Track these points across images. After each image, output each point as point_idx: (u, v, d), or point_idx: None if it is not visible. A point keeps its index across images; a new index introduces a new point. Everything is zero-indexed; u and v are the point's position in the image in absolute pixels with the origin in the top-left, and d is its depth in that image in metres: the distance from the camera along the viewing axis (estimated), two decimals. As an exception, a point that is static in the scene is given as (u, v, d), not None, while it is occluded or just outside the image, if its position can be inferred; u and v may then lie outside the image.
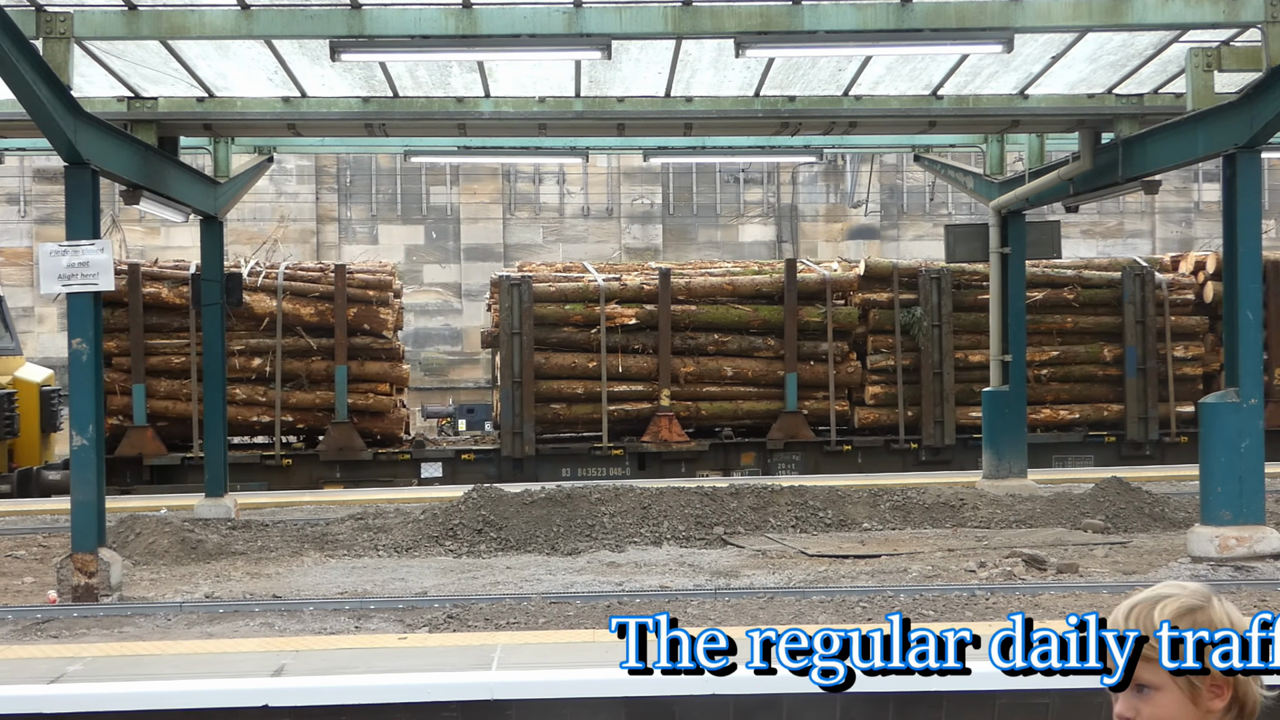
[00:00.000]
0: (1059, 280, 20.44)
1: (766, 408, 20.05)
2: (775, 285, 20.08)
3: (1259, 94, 11.09)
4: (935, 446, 20.04)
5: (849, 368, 20.26)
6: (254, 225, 30.58)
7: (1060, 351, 20.38)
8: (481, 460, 19.81)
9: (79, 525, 10.79)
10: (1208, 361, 20.92)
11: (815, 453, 20.00)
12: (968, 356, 20.18)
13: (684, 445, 19.60)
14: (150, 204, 13.40)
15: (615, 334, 19.72)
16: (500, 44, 11.61)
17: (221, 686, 7.32)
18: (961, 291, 20.30)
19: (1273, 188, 30.00)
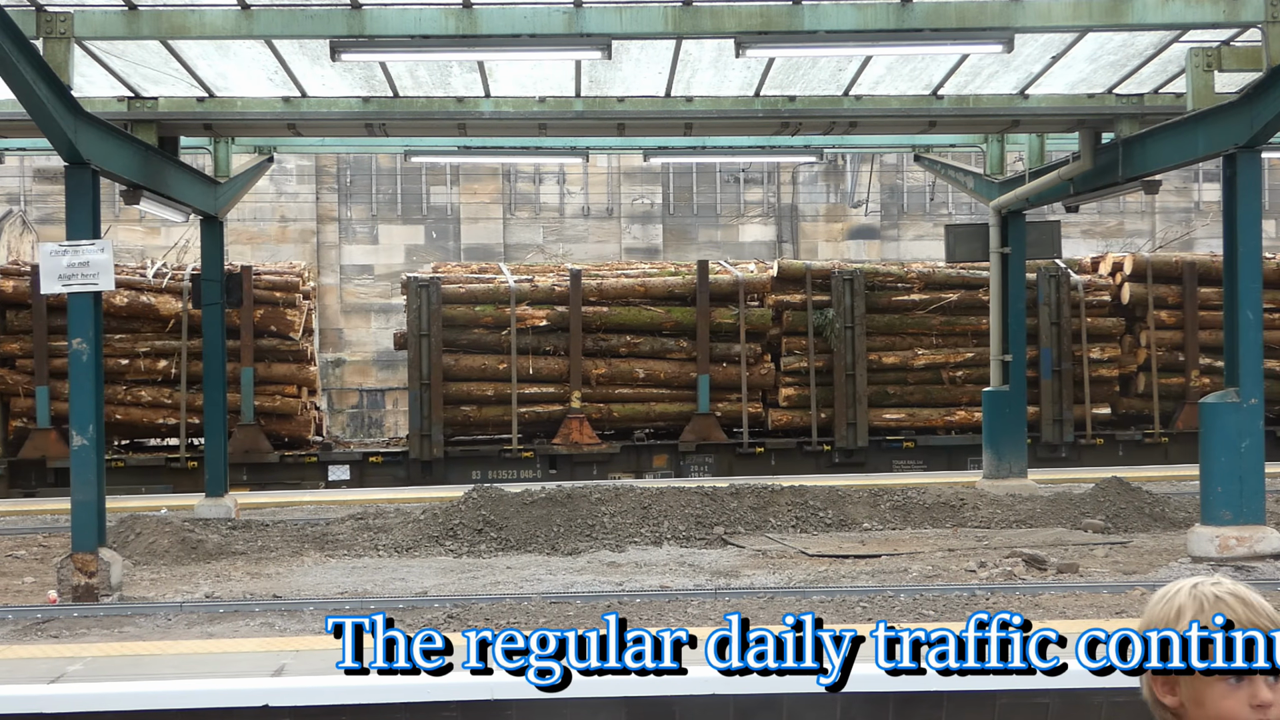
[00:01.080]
0: (974, 282, 20.27)
1: (679, 410, 19.93)
2: (688, 287, 19.96)
3: (1259, 94, 11.09)
4: (848, 449, 19.88)
5: (762, 369, 20.12)
6: (254, 225, 30.58)
7: (976, 353, 20.17)
8: (390, 463, 19.64)
9: (79, 525, 10.79)
10: (1124, 363, 20.82)
11: (728, 455, 19.86)
12: (881, 358, 20.07)
13: (595, 447, 19.49)
14: (150, 204, 13.40)
15: (527, 335, 19.61)
16: (500, 44, 11.61)
17: (221, 686, 7.32)
18: (875, 293, 20.14)
19: (1273, 188, 30.00)
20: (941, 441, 20.15)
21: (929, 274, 20.52)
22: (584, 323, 19.67)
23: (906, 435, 20.14)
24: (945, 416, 20.24)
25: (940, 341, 20.32)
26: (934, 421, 20.24)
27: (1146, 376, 20.67)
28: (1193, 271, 20.66)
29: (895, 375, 20.21)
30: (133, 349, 19.28)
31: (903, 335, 20.29)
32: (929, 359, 20.21)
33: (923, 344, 20.31)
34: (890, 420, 20.16)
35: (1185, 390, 20.49)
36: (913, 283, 20.32)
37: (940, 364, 20.23)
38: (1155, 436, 20.46)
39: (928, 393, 20.26)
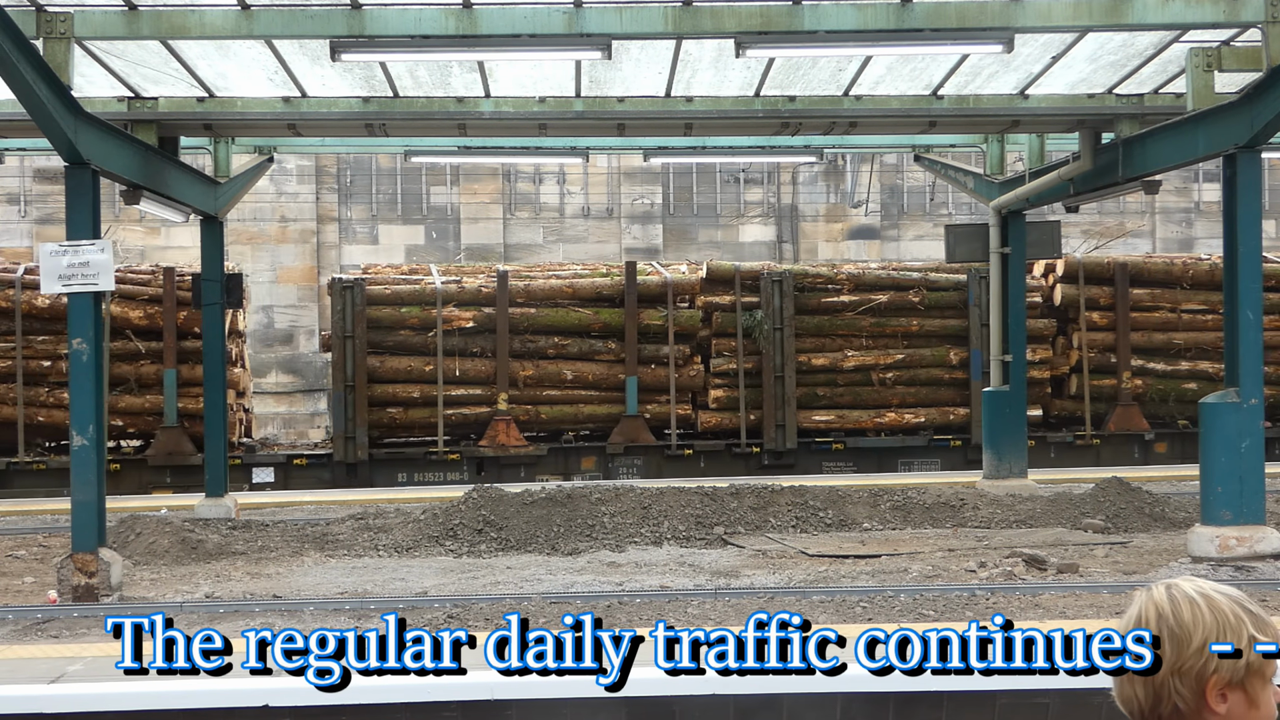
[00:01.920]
0: (904, 283, 20.25)
1: (608, 411, 19.83)
2: (616, 288, 19.89)
3: (1259, 94, 11.09)
4: (777, 450, 19.76)
5: (691, 371, 20.04)
6: (254, 225, 30.58)
7: (906, 355, 20.14)
8: (314, 465, 19.52)
9: (79, 525, 10.79)
10: (1056, 364, 20.74)
11: (657, 457, 19.76)
12: (811, 360, 19.98)
13: (522, 449, 19.40)
14: (150, 204, 13.40)
15: (454, 337, 19.50)
16: (500, 44, 11.61)
17: (222, 686, 7.32)
18: (805, 294, 20.05)
19: (1273, 188, 29.99)
20: (871, 443, 19.99)
21: (859, 275, 20.42)
22: (511, 324, 19.55)
23: (836, 437, 19.99)
24: (875, 418, 20.12)
25: (870, 343, 20.19)
26: (864, 423, 20.11)
27: (1079, 378, 20.60)
28: (1124, 273, 20.56)
29: (825, 377, 20.07)
30: (55, 351, 18.99)
31: (832, 337, 20.16)
32: (859, 361, 20.08)
33: (853, 345, 20.17)
34: (820, 422, 20.03)
35: (1117, 392, 20.42)
36: (842, 284, 20.20)
37: (870, 366, 20.09)
38: (1087, 438, 20.35)
39: (857, 394, 20.14)
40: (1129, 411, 20.39)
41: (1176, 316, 20.80)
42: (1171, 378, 20.64)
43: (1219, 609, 2.33)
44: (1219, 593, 2.36)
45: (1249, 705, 2.30)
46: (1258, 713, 2.31)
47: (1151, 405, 20.63)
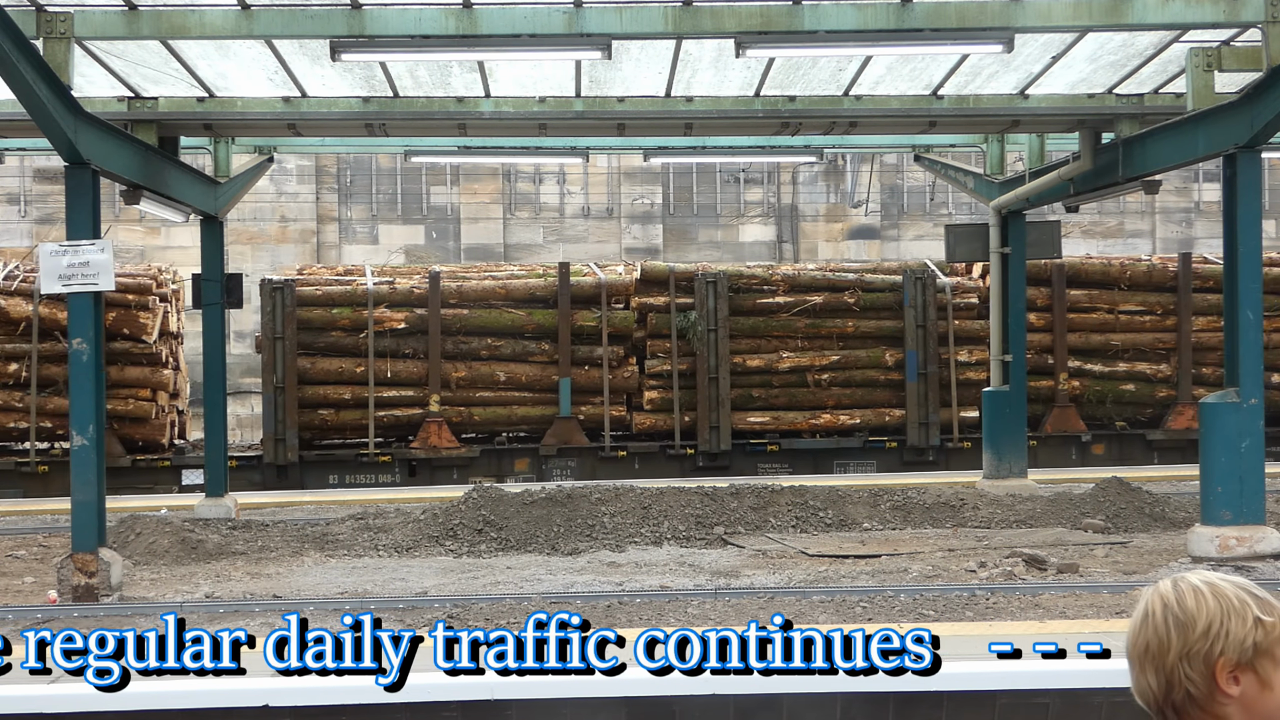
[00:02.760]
0: (840, 284, 20.17)
1: (542, 413, 19.75)
2: (549, 289, 19.82)
3: (1259, 94, 11.08)
4: (712, 452, 19.67)
5: (626, 372, 19.95)
6: (254, 225, 30.59)
7: (841, 356, 20.06)
8: (245, 467, 19.34)
9: (79, 525, 10.79)
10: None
11: (591, 459, 19.67)
12: (746, 361, 19.88)
13: (454, 451, 19.33)
14: (150, 204, 13.40)
15: (385, 338, 19.42)
16: (500, 44, 11.61)
17: (221, 686, 7.31)
18: (740, 295, 19.96)
19: (1273, 188, 29.98)
20: (807, 445, 19.90)
21: (794, 276, 20.35)
22: (444, 325, 19.47)
23: (771, 439, 19.90)
24: (810, 420, 20.04)
25: (806, 344, 20.09)
26: (799, 425, 20.02)
27: None
28: (1061, 274, 20.46)
29: (760, 378, 19.97)
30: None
31: (768, 338, 20.06)
32: (794, 362, 19.98)
33: (788, 347, 20.07)
34: (755, 424, 19.93)
35: (1054, 393, 20.33)
36: (777, 285, 20.12)
37: (805, 367, 20.00)
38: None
39: (792, 396, 20.06)
40: (1066, 413, 20.31)
41: (1114, 317, 20.70)
42: (1109, 379, 20.52)
43: (1223, 594, 2.35)
44: (1225, 581, 2.38)
45: (1262, 687, 2.31)
46: (1272, 694, 2.31)
47: (1089, 406, 20.51)
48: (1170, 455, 20.25)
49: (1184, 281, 20.71)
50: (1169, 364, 20.66)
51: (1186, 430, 20.24)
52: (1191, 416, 20.33)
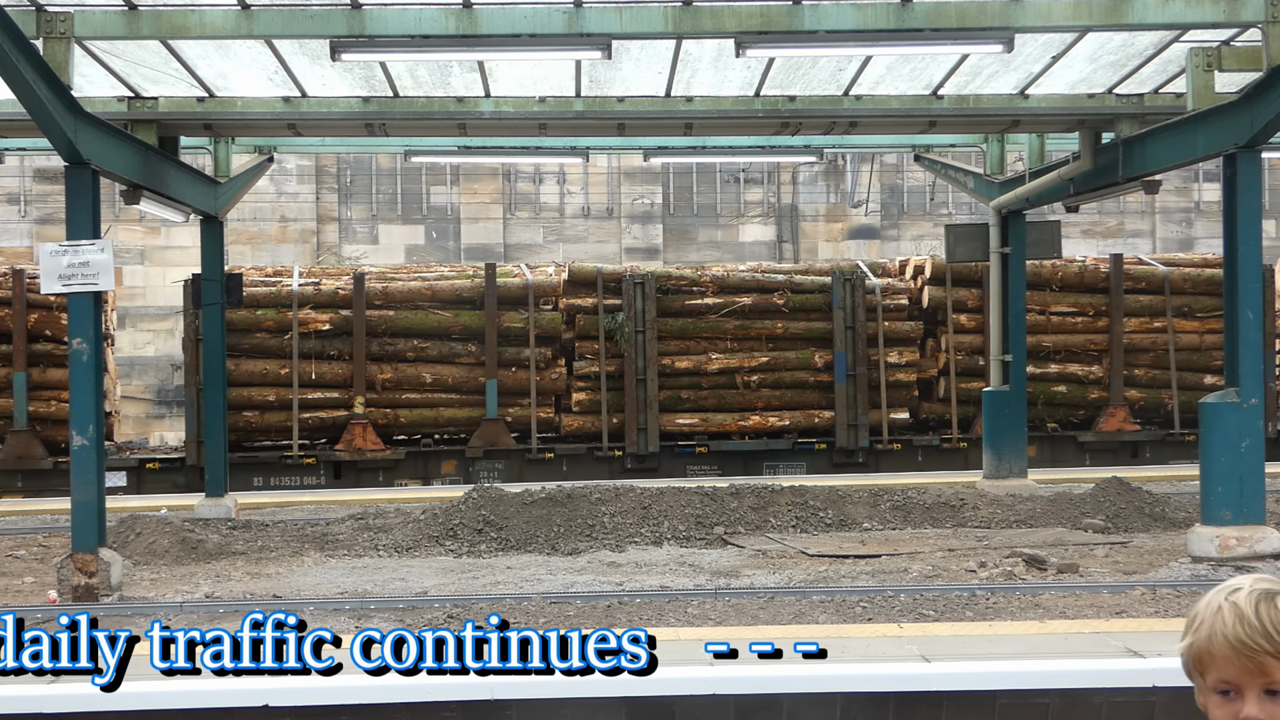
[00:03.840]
0: (769, 285, 20.09)
1: (469, 415, 19.67)
2: (476, 290, 19.74)
3: (1259, 94, 11.09)
4: (640, 454, 19.58)
5: (554, 374, 19.90)
6: (254, 225, 30.59)
7: (771, 357, 19.96)
8: (168, 469, 19.29)
9: (79, 525, 10.80)
10: (924, 367, 20.58)
11: (518, 460, 19.60)
12: (675, 363, 19.80)
13: (380, 453, 19.25)
14: (150, 204, 13.40)
15: (310, 340, 19.35)
16: (500, 44, 11.61)
17: (221, 686, 7.31)
18: (669, 297, 19.89)
19: (1273, 188, 29.99)
20: (736, 446, 19.81)
21: (723, 278, 20.26)
22: (370, 327, 19.40)
23: (700, 440, 19.83)
24: (739, 421, 19.96)
25: (735, 346, 20.01)
26: (728, 426, 19.94)
27: (947, 381, 20.42)
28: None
29: (689, 380, 19.91)
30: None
31: (697, 339, 19.98)
32: (723, 364, 19.91)
33: (717, 348, 19.98)
34: (683, 425, 19.87)
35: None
36: (706, 286, 20.04)
37: (735, 368, 19.92)
38: (954, 442, 20.20)
39: (722, 397, 19.99)
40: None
41: (1046, 319, 20.57)
42: (1040, 380, 20.36)
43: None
44: None
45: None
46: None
47: None
48: (1102, 457, 20.17)
49: (1116, 283, 20.60)
50: (1101, 365, 20.57)
51: (1118, 432, 20.25)
52: (1123, 418, 20.34)
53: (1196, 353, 20.80)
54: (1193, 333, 20.84)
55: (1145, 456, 20.25)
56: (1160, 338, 20.71)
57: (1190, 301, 20.90)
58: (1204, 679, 2.29)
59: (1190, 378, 20.76)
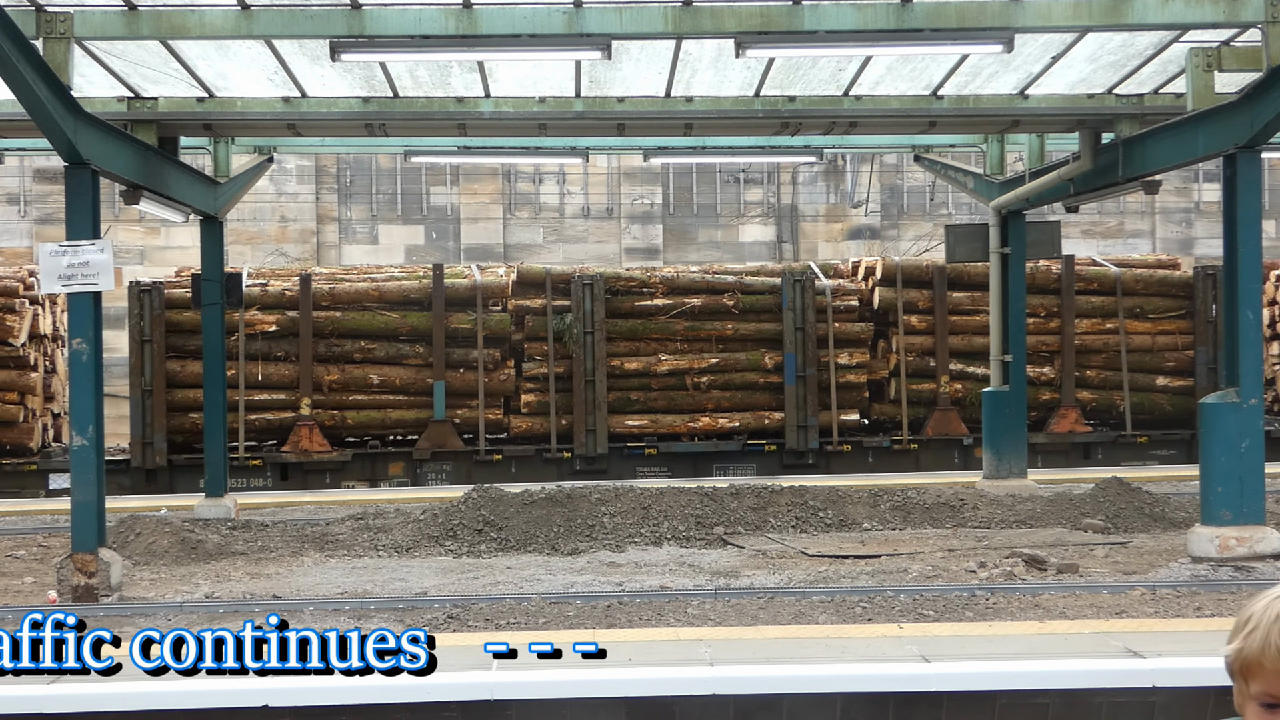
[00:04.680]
0: (719, 286, 20.05)
1: (417, 416, 19.62)
2: (424, 291, 19.68)
3: (1259, 94, 11.09)
4: (588, 456, 19.52)
5: (502, 375, 19.83)
6: (254, 225, 30.59)
7: (721, 359, 19.91)
8: (114, 471, 19.00)
9: (79, 525, 10.79)
10: (874, 368, 20.51)
11: (466, 462, 19.54)
12: (624, 364, 19.74)
13: (326, 455, 19.17)
14: (150, 204, 13.40)
15: (257, 341, 19.29)
16: (500, 44, 11.61)
17: (221, 686, 7.32)
18: (618, 298, 19.84)
19: (1273, 188, 29.99)
20: (685, 448, 19.75)
21: (672, 279, 20.20)
22: (317, 328, 19.33)
23: (649, 442, 19.77)
24: (689, 423, 19.90)
25: (685, 347, 19.95)
26: (677, 428, 19.87)
27: (897, 382, 20.35)
28: (942, 276, 20.31)
29: (639, 381, 19.85)
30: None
31: (646, 341, 19.92)
32: (673, 365, 19.86)
33: (667, 350, 19.92)
34: (633, 427, 19.81)
35: (936, 396, 20.22)
36: (656, 287, 19.98)
37: (684, 370, 19.87)
38: (904, 443, 20.12)
39: (671, 399, 19.93)
40: (947, 416, 20.21)
41: None
42: None
43: None
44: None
45: None
46: None
47: (972, 409, 20.26)
48: (1054, 459, 20.11)
49: (1067, 284, 20.53)
50: (1053, 367, 20.50)
51: (1070, 433, 20.20)
52: (1075, 419, 20.30)
53: (1149, 354, 20.77)
54: (1145, 334, 20.80)
55: (1097, 458, 20.19)
56: (1112, 339, 20.64)
57: (1142, 303, 20.86)
58: (1248, 685, 2.24)
59: (1142, 379, 20.74)
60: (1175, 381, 20.66)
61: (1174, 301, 20.82)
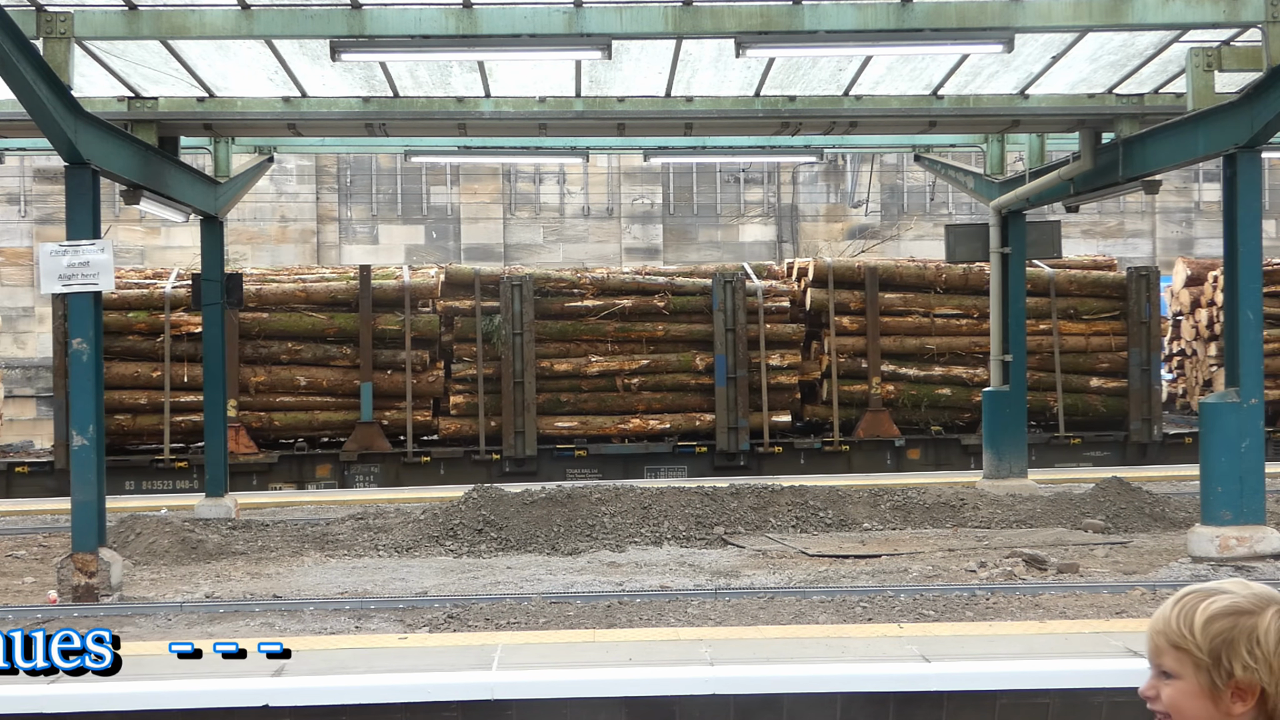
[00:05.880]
0: (650, 288, 19.98)
1: (344, 418, 19.51)
2: (351, 292, 19.57)
3: (1259, 94, 11.09)
4: (518, 457, 19.41)
5: (431, 377, 19.73)
6: (254, 225, 30.61)
7: (652, 360, 19.81)
8: (38, 473, 19.03)
9: (79, 525, 10.79)
10: (807, 370, 20.41)
11: (394, 464, 19.41)
12: (554, 365, 19.66)
13: (252, 457, 19.06)
14: (150, 204, 13.40)
15: (183, 342, 19.19)
16: (500, 44, 11.61)
17: (221, 686, 7.32)
18: (548, 299, 19.73)
19: (1273, 188, 30.01)
20: (616, 450, 19.65)
21: (603, 280, 20.11)
22: (243, 329, 19.21)
23: (579, 444, 19.68)
24: (619, 424, 19.80)
25: (616, 348, 19.84)
26: (608, 430, 19.77)
27: (829, 383, 20.24)
28: (874, 277, 20.20)
29: (569, 383, 19.76)
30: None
31: (576, 342, 19.82)
32: (603, 366, 19.76)
33: (598, 351, 19.82)
34: (563, 428, 19.70)
35: (867, 397, 20.12)
36: (586, 288, 19.90)
37: (615, 371, 19.78)
38: (835, 445, 19.99)
39: (602, 400, 19.84)
40: (879, 417, 20.10)
41: (930, 321, 20.46)
42: (925, 383, 20.29)
43: None
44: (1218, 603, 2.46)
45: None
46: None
47: (905, 411, 20.28)
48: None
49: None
50: (986, 368, 20.17)
51: None
52: None
53: (1082, 355, 20.71)
54: (1079, 335, 20.74)
55: (1030, 459, 20.09)
56: (1045, 340, 20.48)
57: (1076, 304, 20.79)
58: None
59: (1076, 380, 20.68)
60: (1109, 383, 20.52)
61: (1108, 303, 20.69)
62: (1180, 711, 2.39)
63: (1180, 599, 2.44)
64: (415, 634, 9.06)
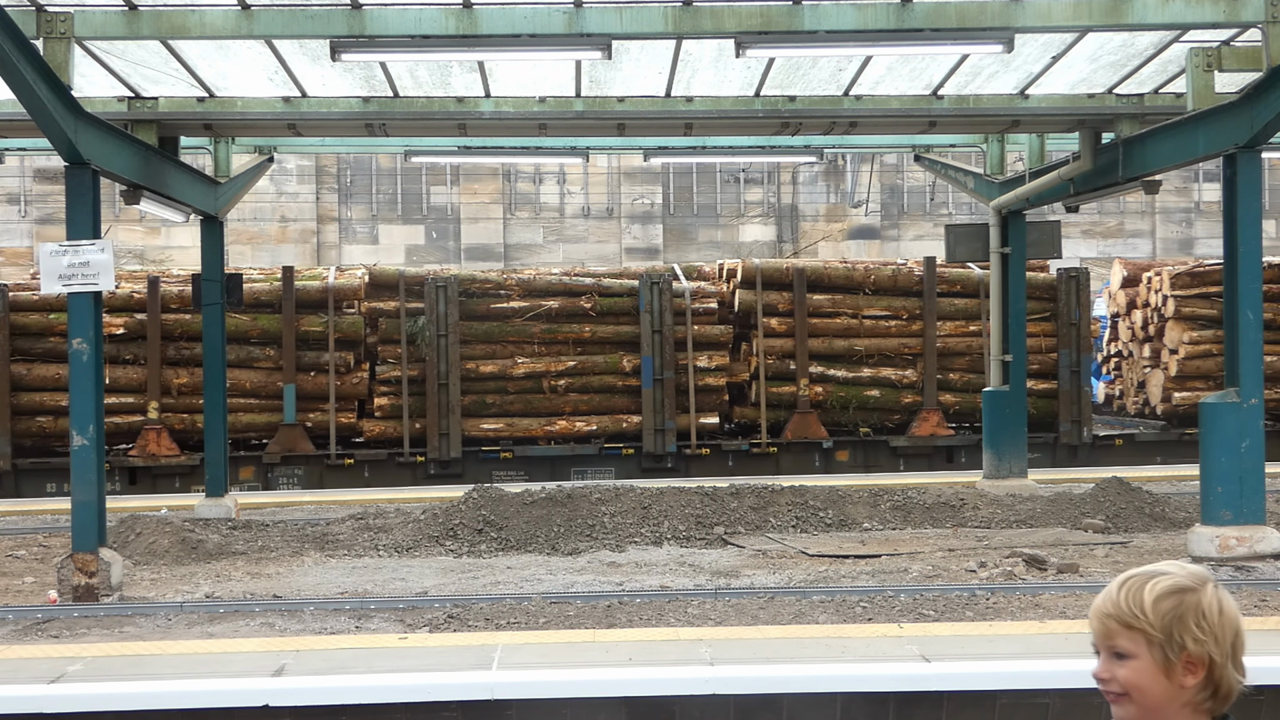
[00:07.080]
0: (577, 289, 19.92)
1: (268, 420, 19.44)
2: (274, 293, 19.50)
3: (1259, 94, 11.09)
4: (443, 460, 19.34)
5: (355, 378, 19.68)
6: (254, 225, 30.61)
7: (578, 362, 19.74)
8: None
9: (79, 525, 10.80)
10: (735, 371, 20.33)
11: (318, 466, 19.33)
12: (480, 367, 19.58)
13: (175, 459, 19.00)
14: (150, 204, 13.40)
15: (105, 344, 18.67)
16: (500, 44, 11.61)
17: (222, 686, 7.33)
18: (474, 300, 19.67)
19: (1273, 188, 30.02)
20: (542, 452, 19.59)
21: (529, 281, 20.04)
22: (165, 330, 19.17)
23: (505, 446, 19.61)
24: (546, 426, 19.72)
25: (542, 350, 19.79)
26: (534, 431, 19.70)
27: (758, 385, 20.16)
28: (802, 278, 20.11)
29: (495, 384, 19.68)
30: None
31: (503, 344, 19.76)
32: (530, 368, 19.70)
33: (524, 352, 19.75)
34: (488, 430, 19.62)
35: (795, 399, 20.05)
36: (512, 290, 19.85)
37: (542, 373, 19.72)
38: (764, 447, 19.92)
39: (528, 402, 19.77)
40: (807, 419, 20.00)
41: (858, 323, 20.38)
42: (853, 384, 20.20)
43: None
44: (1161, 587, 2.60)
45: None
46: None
47: (833, 412, 20.18)
48: (916, 462, 20.00)
49: (929, 286, 20.32)
50: (915, 370, 20.31)
51: (931, 437, 20.07)
52: (936, 422, 20.18)
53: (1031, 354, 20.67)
54: None
55: (960, 461, 20.02)
56: (976, 341, 20.44)
57: None
58: None
59: None
60: (1039, 384, 20.31)
61: (1038, 304, 20.49)
62: (1139, 689, 2.50)
63: (1124, 582, 2.58)
64: (415, 634, 9.06)
